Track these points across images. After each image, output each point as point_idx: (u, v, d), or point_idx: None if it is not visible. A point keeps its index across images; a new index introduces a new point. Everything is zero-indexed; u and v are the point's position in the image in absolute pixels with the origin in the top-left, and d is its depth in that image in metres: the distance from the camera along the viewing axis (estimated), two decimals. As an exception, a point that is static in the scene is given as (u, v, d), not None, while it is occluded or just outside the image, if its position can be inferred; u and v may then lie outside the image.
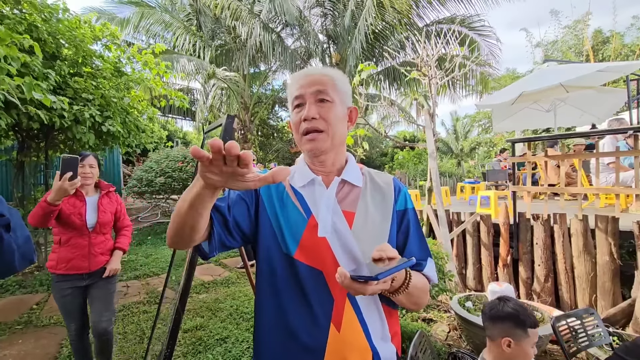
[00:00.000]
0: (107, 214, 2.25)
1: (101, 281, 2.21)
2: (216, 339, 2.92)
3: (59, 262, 2.09)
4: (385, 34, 10.34)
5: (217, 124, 1.79)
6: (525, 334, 1.37)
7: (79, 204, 2.14)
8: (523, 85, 5.22)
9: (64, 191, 1.72)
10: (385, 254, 0.67)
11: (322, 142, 0.86)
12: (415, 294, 0.81)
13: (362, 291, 0.64)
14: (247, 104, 12.14)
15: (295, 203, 0.88)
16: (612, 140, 4.48)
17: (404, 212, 0.93)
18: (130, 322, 3.25)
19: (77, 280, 2.15)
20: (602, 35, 12.96)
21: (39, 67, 2.97)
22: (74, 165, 1.74)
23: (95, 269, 2.18)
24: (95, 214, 2.20)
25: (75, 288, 2.14)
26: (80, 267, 2.13)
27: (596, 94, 5.49)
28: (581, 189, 3.52)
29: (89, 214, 2.17)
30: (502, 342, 1.39)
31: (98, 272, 2.20)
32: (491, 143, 18.79)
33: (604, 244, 3.01)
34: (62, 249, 2.12)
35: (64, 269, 2.09)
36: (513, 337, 1.38)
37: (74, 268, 2.11)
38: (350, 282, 0.63)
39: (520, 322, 1.39)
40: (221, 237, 0.83)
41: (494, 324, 1.46)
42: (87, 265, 2.14)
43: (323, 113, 0.85)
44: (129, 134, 4.47)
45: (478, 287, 3.82)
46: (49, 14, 3.44)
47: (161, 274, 4.77)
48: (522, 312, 1.41)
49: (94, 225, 2.18)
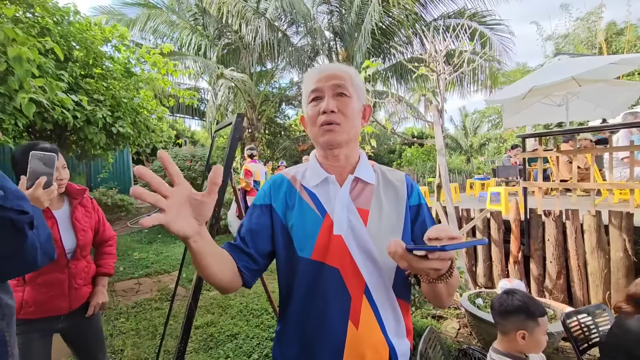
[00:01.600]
0: (87, 232, 1.64)
1: (84, 320, 1.65)
2: (227, 335, 2.96)
3: (25, 306, 1.43)
4: (392, 29, 10.28)
5: (226, 123, 1.80)
6: (536, 323, 1.40)
7: (48, 224, 1.40)
8: (534, 79, 5.13)
9: (39, 203, 1.19)
10: (445, 234, 0.59)
11: (339, 134, 0.86)
12: (453, 284, 0.77)
13: (415, 265, 0.60)
14: (254, 103, 12.19)
15: (310, 204, 0.89)
16: (626, 134, 4.38)
17: (418, 206, 0.93)
18: (143, 319, 3.31)
19: (51, 323, 1.54)
20: (616, 27, 12.64)
21: (52, 69, 3.03)
22: (49, 165, 1.24)
23: (78, 307, 1.60)
24: (72, 235, 1.57)
25: (45, 334, 1.52)
26: (57, 309, 1.52)
27: (610, 87, 5.38)
28: (594, 185, 3.46)
29: (64, 235, 1.53)
30: (517, 335, 1.41)
31: (80, 309, 1.62)
32: (501, 139, 18.53)
33: (618, 240, 2.95)
34: (29, 288, 1.45)
35: (33, 313, 1.45)
36: (527, 329, 1.40)
37: (49, 310, 1.50)
38: (404, 253, 0.60)
39: (530, 313, 1.42)
40: (250, 268, 0.86)
41: (505, 319, 1.47)
42: (67, 305, 1.54)
43: (341, 107, 0.86)
44: (139, 134, 4.53)
45: (488, 284, 3.79)
46: (61, 16, 3.49)
47: (172, 271, 4.84)
48: (530, 303, 1.45)
49: (73, 250, 1.56)
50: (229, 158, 1.53)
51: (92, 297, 1.67)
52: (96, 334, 1.74)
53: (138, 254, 5.65)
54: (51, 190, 1.23)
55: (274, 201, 0.92)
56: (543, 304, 2.61)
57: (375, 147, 4.43)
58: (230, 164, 1.54)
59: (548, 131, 5.51)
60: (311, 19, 11.10)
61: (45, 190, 1.20)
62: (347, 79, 0.88)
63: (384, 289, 0.85)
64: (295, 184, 0.94)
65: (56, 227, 1.50)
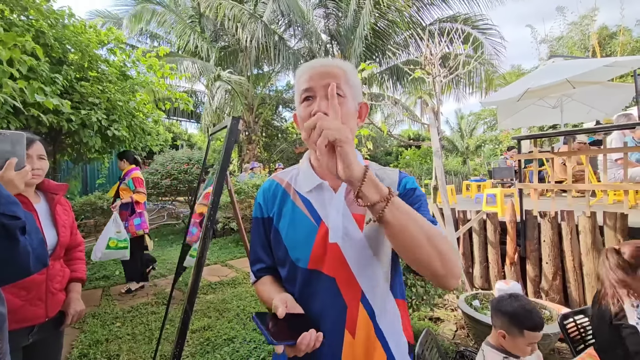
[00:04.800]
0: (67, 229, 1.52)
1: (54, 333, 1.47)
2: (224, 339, 2.94)
3: None
4: (387, 32, 10.34)
5: (222, 126, 1.80)
6: (520, 333, 1.46)
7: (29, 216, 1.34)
8: (528, 81, 5.17)
9: (12, 187, 1.03)
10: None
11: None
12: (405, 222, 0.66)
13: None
14: (251, 105, 12.20)
15: (304, 211, 0.86)
16: (620, 135, 4.42)
17: (404, 193, 0.85)
18: (139, 323, 3.28)
19: (22, 336, 1.33)
20: (608, 30, 12.82)
21: (46, 71, 3.02)
22: (18, 144, 1.07)
23: (53, 315, 1.43)
24: (53, 230, 1.45)
25: (15, 349, 1.20)
26: (32, 317, 1.34)
27: (603, 89, 5.43)
28: (589, 186, 3.48)
29: (45, 230, 1.40)
30: (498, 332, 1.53)
31: (54, 319, 1.44)
32: (497, 140, 18.66)
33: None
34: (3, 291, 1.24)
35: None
36: (507, 333, 1.49)
37: (23, 320, 1.32)
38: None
39: (517, 322, 1.47)
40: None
41: (496, 315, 1.58)
42: (43, 312, 1.37)
43: None
44: (135, 137, 4.52)
45: (485, 286, 3.80)
46: (55, 19, 3.49)
47: (168, 275, 4.81)
48: (522, 314, 1.48)
49: (54, 247, 1.43)
50: (224, 161, 1.53)
51: (69, 305, 1.48)
52: (58, 353, 1.56)
53: (134, 257, 5.62)
54: (25, 172, 1.08)
55: (270, 212, 0.91)
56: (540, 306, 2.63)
57: (372, 150, 4.44)
58: (226, 166, 1.54)
59: (543, 133, 5.56)
60: (307, 22, 11.15)
61: (18, 172, 1.06)
62: (341, 76, 0.82)
63: (381, 294, 0.83)
64: (289, 189, 0.92)
65: (37, 221, 1.36)
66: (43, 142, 1.45)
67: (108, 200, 5.99)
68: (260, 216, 0.94)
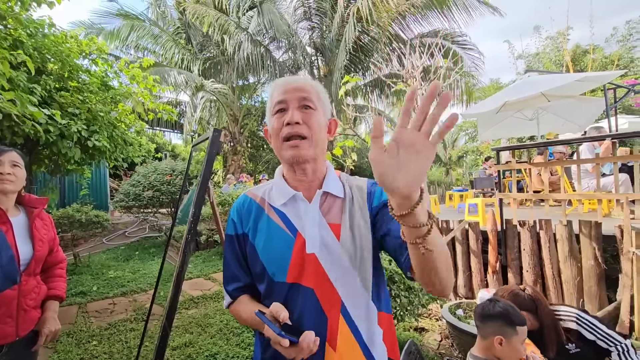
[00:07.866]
0: (44, 244, 1.47)
1: (24, 354, 1.39)
2: (206, 355, 2.86)
3: None
4: (370, 47, 10.58)
5: (204, 138, 1.80)
6: (514, 331, 1.45)
7: (2, 229, 1.29)
8: (506, 94, 5.38)
9: None
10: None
11: (305, 149, 0.83)
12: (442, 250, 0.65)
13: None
14: (237, 116, 12.17)
15: (280, 224, 0.86)
16: (589, 147, 4.62)
17: (384, 204, 0.85)
18: (117, 341, 3.16)
19: None
20: (581, 48, 13.55)
21: (24, 82, 2.94)
22: None
23: (25, 334, 1.36)
24: (29, 244, 1.40)
25: None
26: (2, 335, 1.29)
27: (577, 102, 5.70)
28: (564, 195, 3.61)
29: (20, 243, 1.36)
30: (494, 340, 1.46)
31: (25, 339, 1.38)
32: (478, 151, 19.15)
33: (589, 248, 3.08)
34: None
35: None
36: (504, 335, 1.45)
37: None
38: None
39: (509, 320, 1.47)
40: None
41: (485, 323, 1.53)
42: (13, 331, 1.31)
43: (306, 119, 0.84)
44: (116, 148, 4.42)
45: (469, 295, 3.84)
46: (35, 29, 3.42)
47: (149, 289, 4.67)
48: (511, 311, 1.50)
49: (28, 262, 1.37)
50: (205, 173, 1.52)
51: (43, 325, 1.41)
52: None
53: (114, 272, 5.43)
54: None
55: (245, 228, 0.91)
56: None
57: (357, 161, 4.49)
58: (207, 178, 1.53)
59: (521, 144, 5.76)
60: (292, 34, 11.30)
61: None
62: (313, 92, 0.87)
63: (361, 304, 0.83)
64: (264, 204, 0.92)
65: (11, 232, 1.32)
66: (19, 153, 1.44)
67: (87, 212, 5.80)
68: (234, 233, 0.93)
